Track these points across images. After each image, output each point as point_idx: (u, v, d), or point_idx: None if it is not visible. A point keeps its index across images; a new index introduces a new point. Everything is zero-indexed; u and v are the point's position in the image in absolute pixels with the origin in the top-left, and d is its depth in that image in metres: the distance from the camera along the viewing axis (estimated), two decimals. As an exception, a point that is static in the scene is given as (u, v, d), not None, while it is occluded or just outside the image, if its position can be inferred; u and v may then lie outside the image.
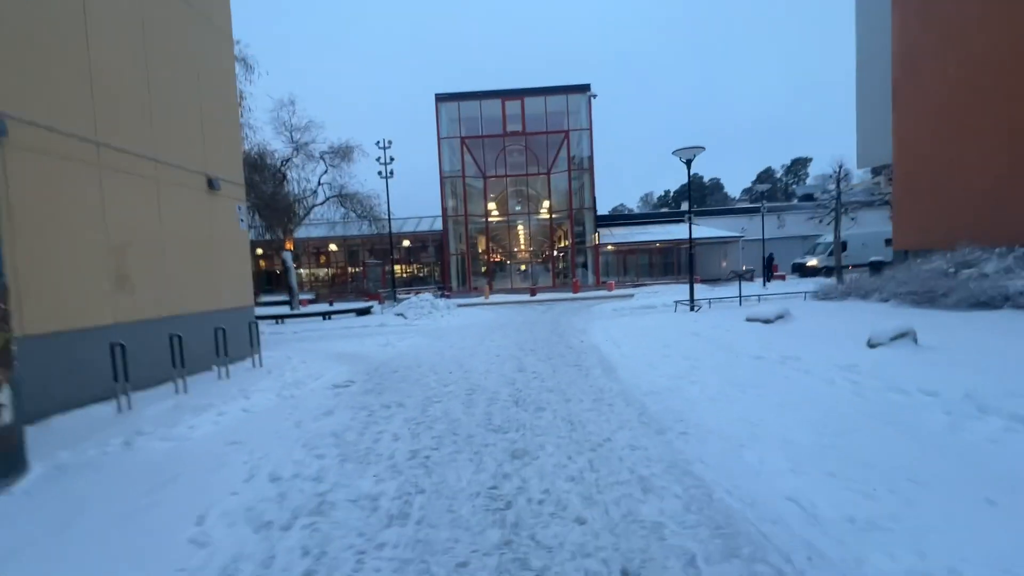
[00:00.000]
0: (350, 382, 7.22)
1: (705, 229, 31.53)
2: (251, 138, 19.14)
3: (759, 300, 13.30)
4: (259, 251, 34.38)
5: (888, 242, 28.12)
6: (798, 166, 79.62)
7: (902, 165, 12.41)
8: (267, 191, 20.71)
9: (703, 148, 11.60)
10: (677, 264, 31.14)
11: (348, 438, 4.55)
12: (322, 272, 36.11)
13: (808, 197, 39.24)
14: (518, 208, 32.01)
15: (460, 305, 22.29)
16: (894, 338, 5.83)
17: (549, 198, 30.63)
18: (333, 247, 34.21)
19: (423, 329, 13.87)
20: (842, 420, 4.02)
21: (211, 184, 9.17)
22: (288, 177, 21.82)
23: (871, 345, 6.02)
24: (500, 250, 34.40)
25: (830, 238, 28.20)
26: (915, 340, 5.85)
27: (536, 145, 30.12)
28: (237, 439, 4.67)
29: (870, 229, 28.87)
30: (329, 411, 5.58)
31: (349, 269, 35.58)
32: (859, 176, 32.14)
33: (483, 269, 32.26)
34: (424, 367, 8.05)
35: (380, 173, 29.13)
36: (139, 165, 7.33)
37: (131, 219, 7.23)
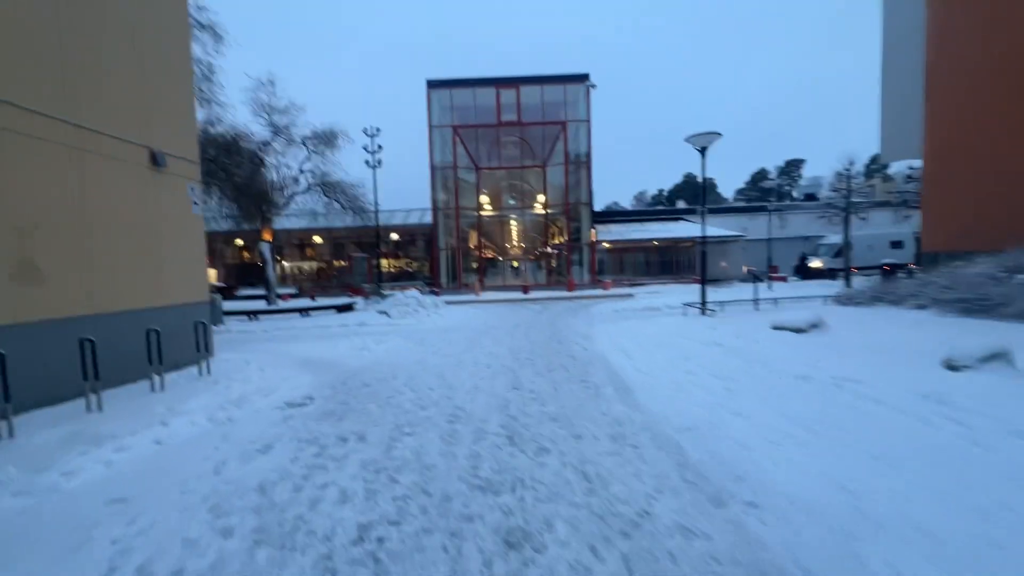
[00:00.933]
0: (308, 399, 5.92)
1: (699, 227, 30.48)
2: (224, 117, 17.65)
3: (776, 304, 12.18)
4: (239, 242, 32.78)
5: (895, 244, 27.29)
6: (792, 167, 79.14)
7: (934, 158, 11.32)
8: (243, 176, 19.20)
9: (719, 134, 10.40)
10: (676, 263, 30.08)
11: (278, 497, 3.27)
12: (307, 266, 34.57)
13: (811, 197, 38.42)
14: (512, 202, 30.73)
15: (449, 303, 20.99)
16: (984, 359, 4.66)
17: (544, 192, 29.38)
18: (318, 239, 32.70)
19: (406, 330, 12.56)
20: (984, 489, 2.81)
21: (155, 159, 7.78)
22: (267, 162, 20.32)
23: (952, 367, 4.85)
24: (492, 246, 33.10)
25: (834, 239, 27.30)
26: (1010, 362, 4.69)
27: (531, 136, 28.82)
28: (124, 494, 3.36)
29: (875, 231, 27.99)
30: (267, 445, 4.28)
31: (335, 263, 34.09)
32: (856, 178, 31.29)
33: (474, 265, 30.96)
34: (400, 380, 6.77)
35: (367, 162, 27.67)
36: (50, 129, 5.94)
37: (40, 194, 5.85)
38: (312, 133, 21.51)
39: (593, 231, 27.72)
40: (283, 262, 34.33)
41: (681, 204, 45.93)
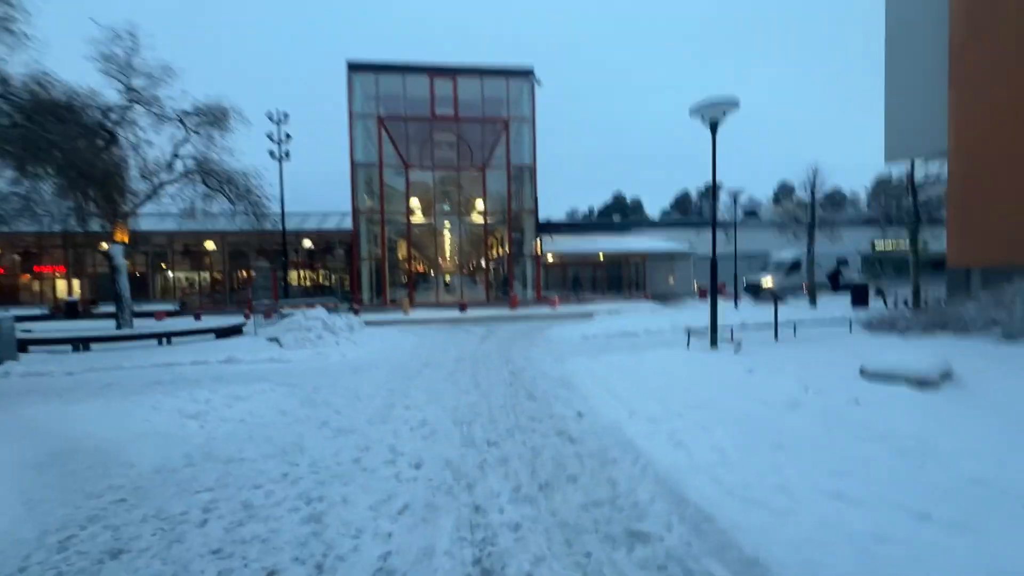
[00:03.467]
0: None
1: (654, 242, 28.79)
2: (45, 66, 12.61)
3: (795, 331, 9.67)
4: (105, 246, 26.26)
5: (842, 262, 27.03)
6: (711, 191, 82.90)
7: (963, 156, 9.54)
8: (82, 154, 14.13)
9: (736, 103, 7.77)
10: (629, 279, 27.97)
11: None
12: (199, 277, 28.58)
13: (751, 214, 38.49)
14: (446, 208, 27.19)
15: (371, 323, 16.97)
16: None
17: (483, 198, 26.18)
18: (210, 245, 27.06)
19: (296, 371, 8.61)
20: None
21: None
22: (120, 140, 15.32)
23: None
24: (424, 257, 29.24)
25: (786, 255, 26.53)
26: None
27: (470, 134, 25.62)
28: None
29: (820, 249, 27.59)
30: None
31: (237, 274, 28.48)
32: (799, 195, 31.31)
33: (403, 279, 26.94)
34: (214, 528, 3.07)
35: (271, 153, 23.08)
36: None
37: None
38: (193, 108, 16.77)
39: (538, 242, 24.90)
40: (169, 272, 28.22)
41: (616, 219, 44.80)
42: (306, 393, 6.78)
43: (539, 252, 25.15)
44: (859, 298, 17.23)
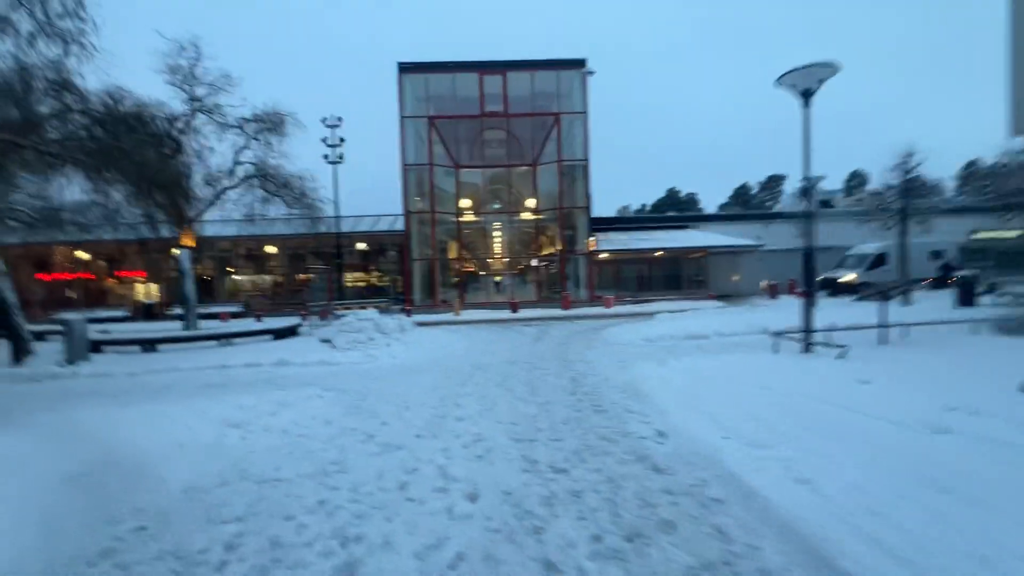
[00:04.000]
0: None
1: (717, 236, 26.97)
2: (114, 78, 13.18)
3: (906, 332, 8.26)
4: (174, 251, 27.77)
5: (936, 255, 24.16)
6: (773, 183, 77.73)
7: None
8: (151, 163, 14.77)
9: (832, 66, 6.62)
10: (688, 277, 26.37)
11: None
12: (263, 280, 29.75)
13: (825, 204, 35.47)
14: (497, 206, 26.74)
15: (421, 324, 16.72)
16: None
17: (534, 195, 25.53)
18: (271, 249, 28.07)
19: (346, 373, 8.29)
20: None
21: None
22: (185, 147, 15.91)
23: None
24: (474, 257, 29.02)
25: (868, 247, 24.03)
26: None
27: (520, 130, 25.05)
28: None
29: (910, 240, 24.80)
30: None
31: (296, 277, 29.41)
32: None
33: (453, 280, 26.75)
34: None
35: (326, 157, 23.55)
36: None
37: None
38: (252, 115, 17.22)
39: (592, 239, 23.91)
40: (234, 275, 29.60)
41: (671, 215, 42.65)
42: (353, 400, 6.36)
43: (592, 249, 24.14)
44: (966, 294, 15.03)
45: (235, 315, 24.59)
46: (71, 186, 15.79)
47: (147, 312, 24.97)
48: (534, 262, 28.63)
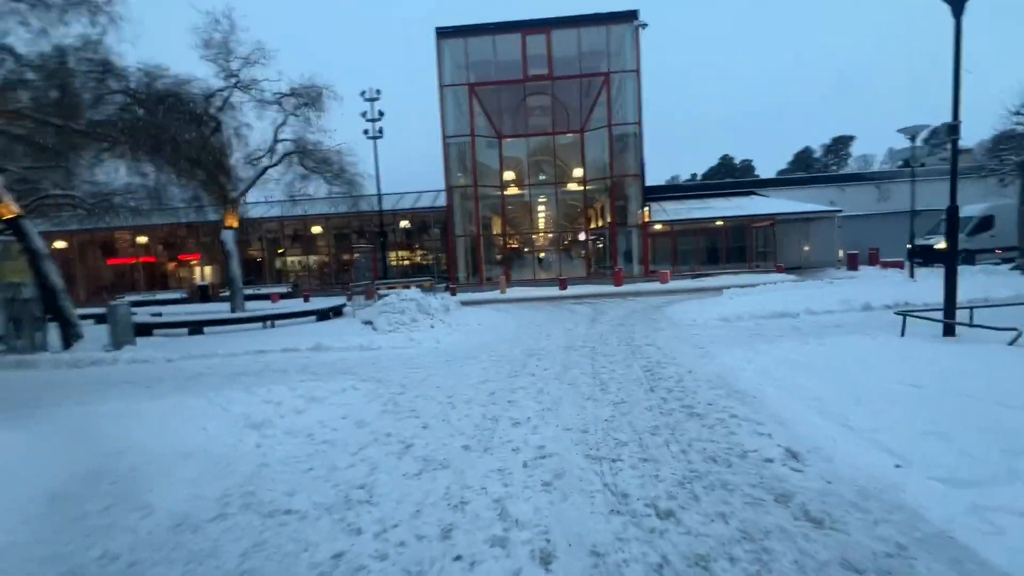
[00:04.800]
0: None
1: (786, 202, 24.43)
2: (139, 45, 12.72)
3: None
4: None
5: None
6: (840, 145, 70.81)
7: None
8: (192, 143, 14.49)
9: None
10: (753, 248, 24.13)
11: None
12: (311, 260, 29.95)
13: (906, 165, 31.54)
14: (542, 178, 25.32)
15: (467, 303, 15.91)
16: None
17: (582, 165, 23.90)
18: (317, 229, 28.06)
19: (387, 360, 7.51)
20: None
21: None
22: (223, 125, 15.53)
23: None
24: (519, 232, 27.87)
25: (969, 209, 20.96)
26: None
27: (566, 95, 23.35)
28: None
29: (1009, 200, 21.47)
30: None
31: (342, 256, 29.38)
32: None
33: (497, 256, 25.77)
34: None
35: (366, 132, 22.87)
36: None
37: None
38: (290, 89, 16.62)
39: (646, 210, 22.14)
40: (284, 256, 29.93)
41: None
42: (391, 394, 5.50)
43: (647, 220, 22.41)
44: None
45: (283, 295, 24.81)
46: (117, 170, 15.89)
47: (202, 294, 25.63)
48: (582, 236, 27.15)
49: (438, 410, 4.82)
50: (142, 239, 28.46)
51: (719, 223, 23.90)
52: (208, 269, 29.87)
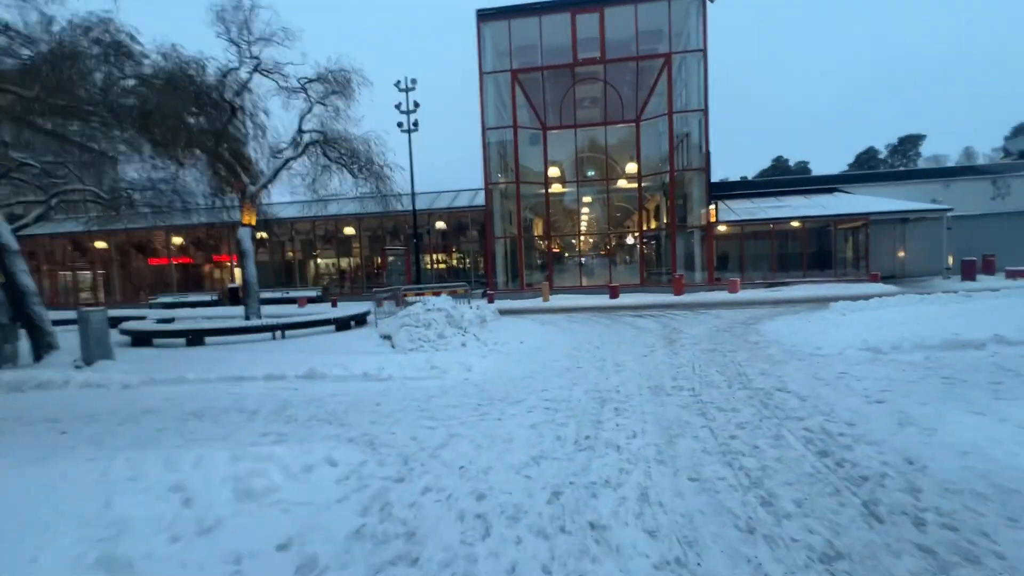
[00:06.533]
0: None
1: (882, 200, 20.84)
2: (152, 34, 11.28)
3: None
4: (263, 235, 27.16)
5: None
6: (908, 144, 64.06)
7: None
8: (209, 131, 13.02)
9: None
10: (839, 253, 20.71)
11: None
12: (344, 263, 28.57)
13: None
14: (591, 174, 22.83)
15: (505, 312, 13.69)
16: None
17: (637, 159, 21.27)
18: (349, 230, 26.63)
19: (388, 404, 5.31)
20: None
21: None
22: (244, 111, 14.00)
23: None
24: (564, 234, 25.43)
25: None
26: None
27: (621, 79, 20.83)
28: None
29: None
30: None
31: (374, 259, 27.83)
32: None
33: (538, 261, 23.45)
34: None
35: (400, 125, 21.13)
36: None
37: None
38: (316, 75, 14.95)
39: (712, 208, 19.26)
40: (317, 258, 28.72)
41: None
42: (382, 480, 3.28)
43: (713, 220, 19.51)
44: None
45: (311, 300, 23.38)
46: (131, 160, 14.69)
47: (232, 296, 24.58)
48: (630, 240, 24.41)
49: (455, 536, 2.54)
50: (177, 239, 27.93)
51: (795, 224, 20.64)
52: (239, 271, 29.04)
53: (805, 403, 4.58)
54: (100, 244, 27.76)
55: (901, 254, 21.25)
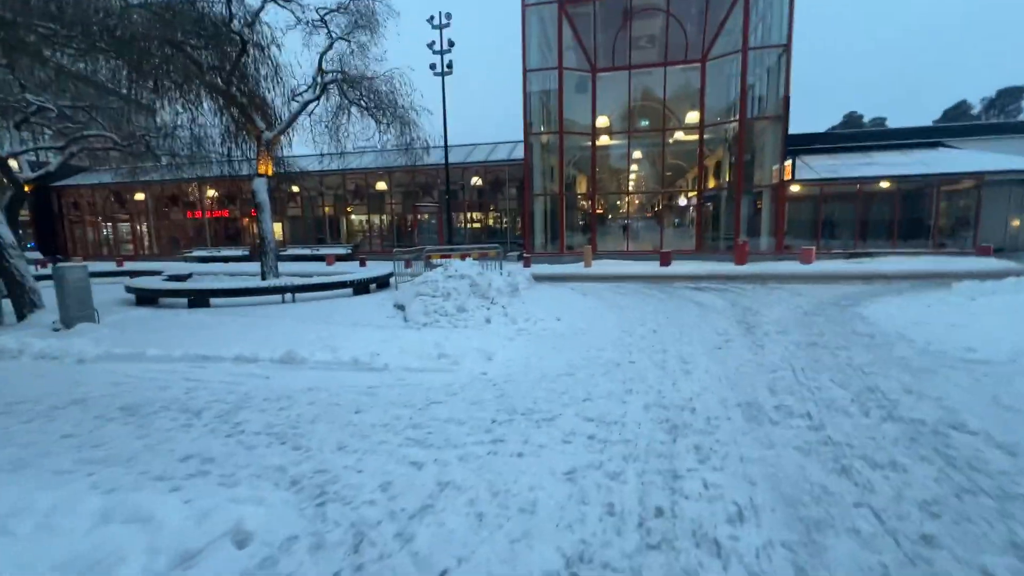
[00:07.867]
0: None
1: (997, 157, 17.33)
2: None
3: None
4: (295, 189, 26.21)
5: None
6: (1007, 98, 55.14)
7: None
8: (221, 68, 11.68)
9: None
10: (940, 221, 17.58)
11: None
12: (376, 219, 27.36)
13: None
14: (645, 124, 20.20)
15: (541, 278, 12.09)
16: None
17: (701, 105, 18.50)
18: (381, 185, 25.31)
19: (385, 402, 3.89)
20: None
21: None
22: (256, 48, 12.49)
23: None
24: (611, 192, 23.05)
25: None
26: None
27: (685, 11, 17.87)
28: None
29: None
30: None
31: (406, 216, 26.51)
32: None
33: (579, 222, 21.41)
34: None
35: (433, 67, 19.15)
36: None
37: None
38: (337, 4, 13.19)
39: (788, 164, 16.52)
40: (350, 215, 27.73)
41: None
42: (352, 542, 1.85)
43: (788, 178, 16.80)
44: None
45: (340, 257, 22.51)
46: (140, 109, 13.70)
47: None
48: (682, 200, 21.81)
49: None
50: (212, 192, 27.55)
51: (885, 184, 17.58)
52: (277, 226, 28.52)
53: (1017, 460, 2.80)
54: (138, 196, 27.76)
55: (1016, 223, 17.88)
